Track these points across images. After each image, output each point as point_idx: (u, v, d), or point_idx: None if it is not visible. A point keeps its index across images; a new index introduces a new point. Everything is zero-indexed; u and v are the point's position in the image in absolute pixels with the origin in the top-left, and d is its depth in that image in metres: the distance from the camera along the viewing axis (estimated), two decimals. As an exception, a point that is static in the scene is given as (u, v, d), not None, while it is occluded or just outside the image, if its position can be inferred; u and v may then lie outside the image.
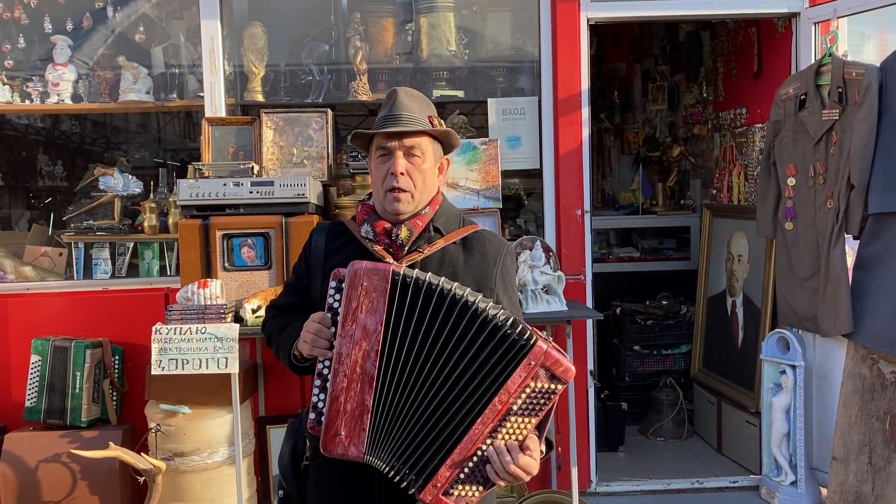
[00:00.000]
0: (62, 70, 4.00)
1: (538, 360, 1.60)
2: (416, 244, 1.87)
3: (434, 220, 1.90)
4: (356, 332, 1.64)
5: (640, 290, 5.47)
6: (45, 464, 3.44)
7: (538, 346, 1.60)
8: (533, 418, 1.63)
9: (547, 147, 4.04)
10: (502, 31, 4.28)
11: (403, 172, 1.83)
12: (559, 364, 1.61)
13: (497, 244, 1.94)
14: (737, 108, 4.89)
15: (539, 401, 1.62)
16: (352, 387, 1.64)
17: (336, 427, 1.64)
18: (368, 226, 1.89)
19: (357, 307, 1.64)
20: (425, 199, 1.90)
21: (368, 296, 1.64)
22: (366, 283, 1.64)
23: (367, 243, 1.88)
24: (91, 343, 3.60)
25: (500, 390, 1.61)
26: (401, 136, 1.84)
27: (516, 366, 1.61)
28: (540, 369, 1.60)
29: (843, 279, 3.49)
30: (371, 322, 1.64)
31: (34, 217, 4.74)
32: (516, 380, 1.60)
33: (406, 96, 1.90)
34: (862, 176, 3.38)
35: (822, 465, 3.88)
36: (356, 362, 1.64)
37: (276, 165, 3.81)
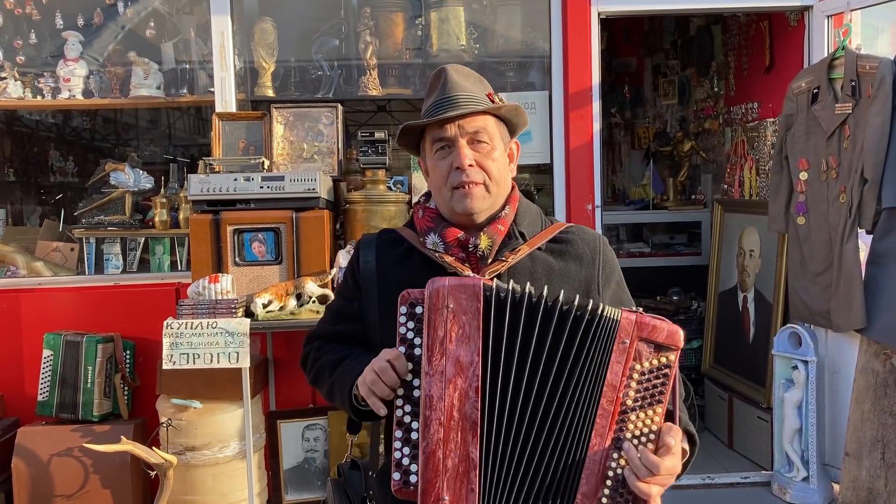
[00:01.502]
0: (73, 66, 4.01)
1: (630, 334, 1.36)
2: (499, 253, 1.59)
3: (517, 223, 1.62)
4: (447, 367, 1.36)
5: (651, 286, 5.45)
6: (58, 458, 3.46)
7: (624, 317, 1.36)
8: (657, 406, 1.37)
9: (557, 142, 4.03)
10: (512, 26, 4.26)
11: (472, 164, 1.54)
12: (658, 330, 1.36)
13: (590, 240, 1.65)
14: (748, 102, 4.86)
15: (655, 383, 1.37)
16: (451, 437, 1.35)
17: (437, 491, 1.35)
18: (436, 235, 1.59)
19: (445, 335, 1.36)
20: (502, 194, 1.62)
21: (457, 320, 1.36)
22: (452, 304, 1.36)
23: (436, 256, 1.58)
24: (103, 338, 3.61)
25: (602, 389, 1.36)
26: (460, 120, 1.55)
27: (609, 351, 1.36)
28: (639, 344, 1.36)
29: (856, 274, 3.47)
30: (465, 353, 1.36)
31: (46, 213, 4.77)
32: (616, 368, 1.36)
33: (457, 74, 1.60)
34: (875, 170, 3.36)
35: (835, 460, 3.86)
36: (451, 406, 1.35)
37: (286, 160, 3.82)
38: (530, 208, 1.68)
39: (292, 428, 3.75)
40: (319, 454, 3.75)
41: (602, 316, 1.37)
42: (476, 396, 1.35)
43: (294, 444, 3.75)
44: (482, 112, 1.56)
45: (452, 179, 1.55)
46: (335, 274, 3.42)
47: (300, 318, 3.29)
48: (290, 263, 3.39)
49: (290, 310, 3.30)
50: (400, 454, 1.39)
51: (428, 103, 1.60)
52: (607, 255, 1.65)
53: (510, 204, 1.62)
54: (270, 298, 3.27)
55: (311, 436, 3.75)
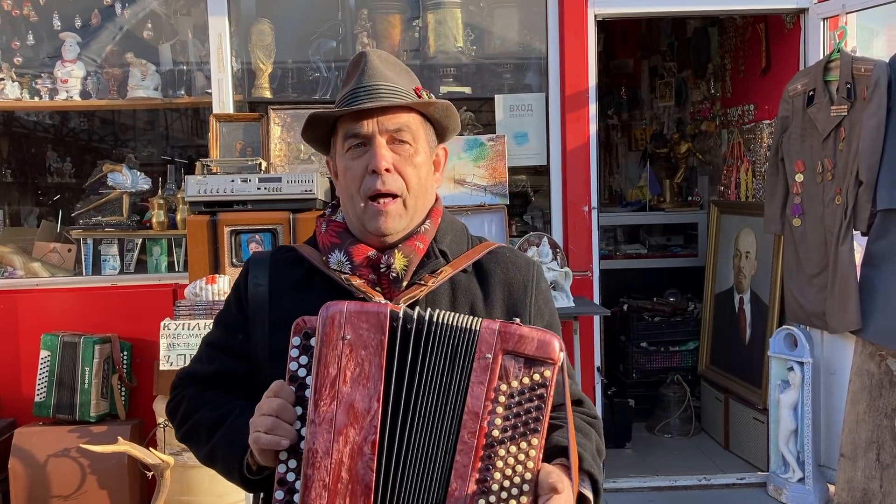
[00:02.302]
0: (71, 67, 4.02)
1: (493, 346, 1.11)
2: (416, 275, 1.32)
3: (437, 241, 1.36)
4: (338, 414, 1.09)
5: (648, 287, 5.46)
6: (55, 458, 3.46)
7: (484, 327, 1.12)
8: (532, 437, 1.12)
9: (554, 143, 4.04)
10: (509, 28, 4.28)
11: (390, 168, 1.28)
12: (526, 339, 1.11)
13: (524, 267, 1.40)
14: (745, 104, 4.88)
15: (528, 407, 1.11)
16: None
17: None
18: (342, 253, 1.32)
19: (338, 374, 1.10)
20: (422, 207, 1.36)
21: (355, 355, 1.11)
22: (350, 335, 1.11)
23: (341, 277, 1.31)
24: (100, 339, 3.61)
25: (462, 417, 1.11)
26: (380, 115, 1.29)
27: (470, 369, 1.11)
28: (505, 359, 1.11)
29: (851, 276, 3.48)
30: (362, 397, 1.10)
31: (43, 213, 4.77)
32: (477, 390, 1.10)
33: (380, 60, 1.34)
34: (870, 172, 3.37)
35: (830, 461, 3.87)
36: (340, 463, 1.09)
37: (283, 162, 3.82)
38: (454, 224, 1.42)
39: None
40: (316, 455, 3.74)
41: (459, 327, 1.13)
42: (372, 453, 1.09)
43: (291, 445, 3.74)
44: (406, 107, 1.31)
45: (366, 185, 1.29)
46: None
47: (297, 319, 3.29)
48: (287, 264, 3.39)
49: (287, 311, 3.30)
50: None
51: (343, 92, 1.34)
52: (541, 286, 1.40)
53: (431, 218, 1.36)
54: (267, 299, 3.27)
55: (307, 437, 3.75)
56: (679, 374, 5.00)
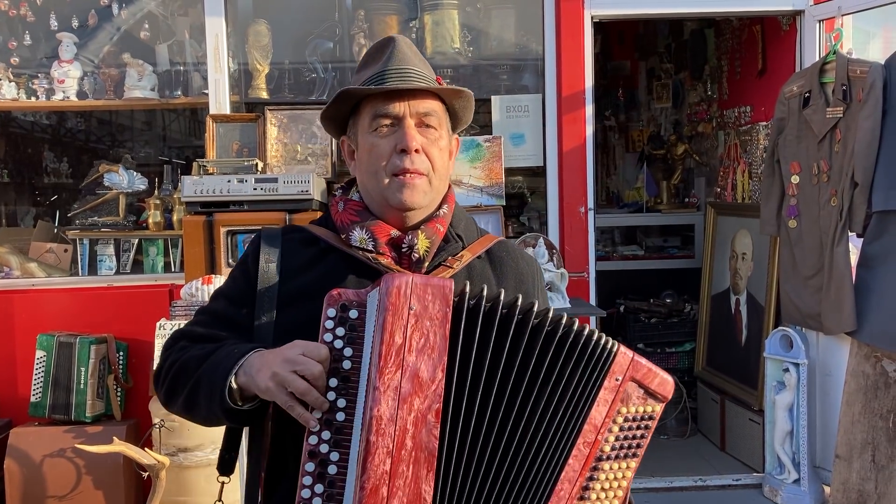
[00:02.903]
0: (67, 67, 4.01)
1: (625, 372, 1.17)
2: (437, 258, 1.36)
3: (454, 225, 1.41)
4: (403, 382, 1.09)
5: (644, 288, 5.47)
6: (50, 458, 3.46)
7: (622, 353, 1.18)
8: (631, 461, 1.19)
9: (550, 145, 4.04)
10: (506, 29, 4.28)
11: (419, 149, 1.31)
12: (652, 375, 1.19)
13: (529, 259, 1.49)
14: (741, 105, 4.88)
15: (636, 432, 1.19)
16: (400, 470, 1.08)
17: None
18: (364, 231, 1.33)
19: (403, 343, 1.10)
20: (441, 192, 1.40)
21: (420, 326, 1.11)
22: (416, 305, 1.11)
23: (367, 256, 1.32)
24: (96, 339, 3.61)
25: (583, 426, 1.16)
26: (411, 98, 1.31)
27: (599, 385, 1.17)
28: (630, 385, 1.18)
29: (846, 277, 3.48)
30: (426, 367, 1.10)
31: (40, 214, 4.76)
32: (603, 405, 1.16)
33: (408, 47, 1.37)
34: (866, 174, 3.38)
35: (826, 463, 3.88)
36: (405, 431, 1.09)
37: (280, 162, 3.83)
38: (463, 214, 1.47)
39: (285, 429, 3.75)
40: (312, 456, 3.74)
41: (598, 343, 1.17)
42: (436, 421, 1.10)
43: (287, 446, 3.74)
44: (433, 94, 1.35)
45: (394, 163, 1.30)
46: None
47: (293, 319, 3.29)
48: (283, 265, 3.40)
49: (283, 311, 3.30)
50: (310, 493, 1.11)
51: (370, 72, 1.34)
52: (543, 282, 1.50)
53: (447, 203, 1.40)
54: (263, 300, 3.27)
55: (303, 437, 3.74)
56: (675, 376, 4.97)
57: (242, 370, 1.20)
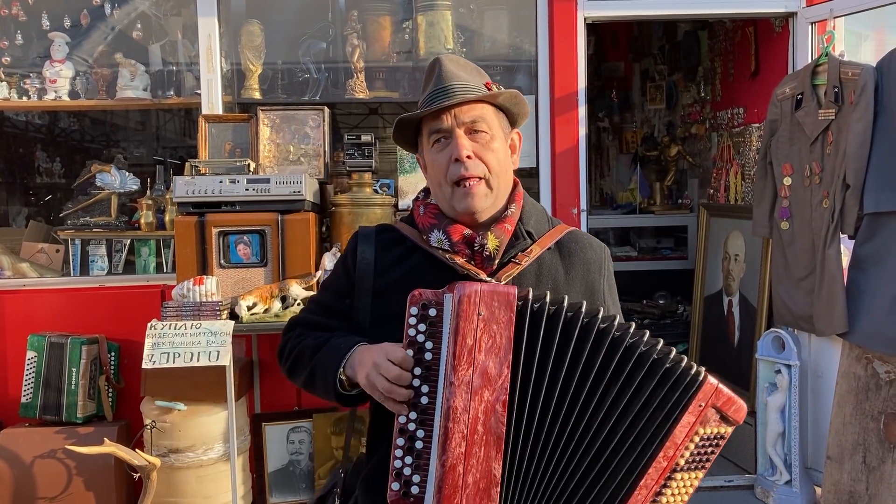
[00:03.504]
0: (60, 67, 4.00)
1: (708, 399, 1.32)
2: (507, 254, 1.51)
3: (524, 222, 1.55)
4: (474, 378, 1.28)
5: (638, 290, 5.47)
6: (41, 460, 3.44)
7: (708, 382, 1.33)
8: (699, 472, 1.36)
9: (543, 146, 4.04)
10: (499, 30, 4.28)
11: (471, 155, 1.46)
12: (732, 402, 1.34)
13: (597, 247, 1.63)
14: (734, 107, 4.89)
15: (707, 449, 1.35)
16: (473, 451, 1.28)
17: None
18: (441, 232, 1.50)
19: (474, 345, 1.28)
20: (504, 188, 1.54)
21: (488, 329, 1.28)
22: (484, 311, 1.28)
23: (443, 255, 1.50)
24: (87, 339, 3.60)
25: (665, 442, 1.32)
26: (456, 110, 1.47)
27: (684, 409, 1.32)
28: (710, 410, 1.33)
29: (838, 279, 3.49)
30: (494, 364, 1.28)
31: (31, 214, 4.75)
32: (684, 427, 1.32)
33: (452, 63, 1.53)
34: (857, 176, 3.38)
35: (817, 464, 3.89)
36: (476, 419, 1.27)
37: (272, 163, 3.82)
38: (535, 206, 1.62)
39: (277, 430, 3.75)
40: (304, 457, 3.74)
41: (688, 370, 1.33)
42: (503, 410, 1.28)
43: (279, 447, 3.74)
44: (478, 100, 1.49)
45: (452, 173, 1.46)
46: (320, 276, 3.42)
47: (285, 320, 3.24)
48: (275, 266, 3.40)
49: (275, 312, 3.30)
50: (401, 463, 1.31)
51: (423, 96, 1.53)
52: (611, 267, 1.64)
53: (515, 202, 1.55)
54: (255, 301, 3.27)
55: (295, 438, 3.74)
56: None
57: (348, 364, 1.45)
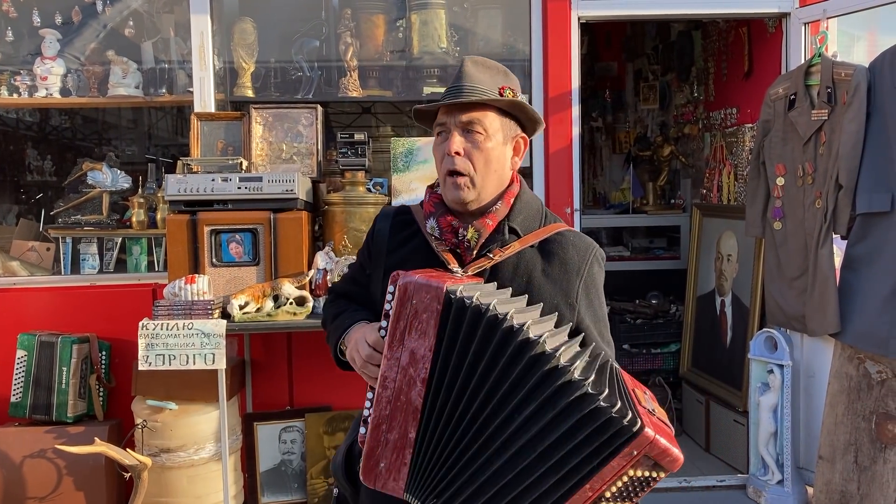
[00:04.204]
0: (51, 64, 3.98)
1: (642, 448, 1.37)
2: (486, 247, 1.64)
3: (510, 219, 1.67)
4: (403, 355, 1.47)
5: (630, 289, 5.48)
6: (31, 459, 3.42)
7: (645, 433, 1.36)
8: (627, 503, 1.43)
9: (537, 146, 4.03)
10: (493, 29, 4.27)
11: (459, 152, 1.61)
12: (667, 454, 1.39)
13: (582, 249, 1.68)
14: (727, 107, 4.90)
15: (637, 488, 1.42)
16: (396, 417, 1.49)
17: (376, 456, 1.50)
18: (434, 221, 1.68)
19: (406, 328, 1.47)
20: (491, 186, 1.66)
21: (418, 317, 1.46)
22: (415, 300, 1.46)
23: (433, 241, 1.68)
24: (78, 338, 3.58)
25: (592, 476, 1.38)
26: (457, 111, 1.61)
27: (615, 453, 1.37)
28: (643, 457, 1.38)
29: (830, 279, 3.50)
30: (420, 347, 1.46)
31: (22, 212, 4.72)
32: (614, 467, 1.38)
33: (474, 65, 1.66)
34: (850, 176, 3.39)
35: (809, 464, 3.90)
36: (401, 389, 1.48)
37: (265, 161, 3.80)
38: (530, 204, 1.71)
39: (269, 430, 3.73)
40: (296, 456, 3.73)
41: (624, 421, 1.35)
42: (422, 387, 1.47)
43: (271, 447, 3.73)
44: (482, 105, 1.62)
45: (445, 164, 1.63)
46: (313, 275, 3.41)
47: (277, 319, 3.27)
48: (267, 265, 3.38)
49: (267, 311, 3.29)
50: (367, 412, 1.57)
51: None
52: (592, 270, 1.68)
53: (504, 199, 1.66)
54: (247, 300, 3.25)
55: (287, 438, 3.73)
56: (660, 377, 5.01)
57: (344, 339, 1.71)
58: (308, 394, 3.84)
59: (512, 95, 1.64)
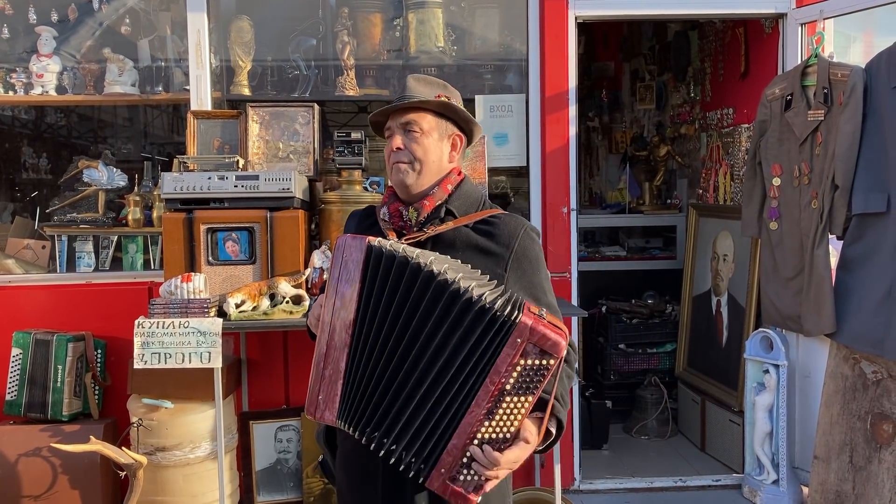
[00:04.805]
0: (46, 61, 3.97)
1: (524, 336, 1.55)
2: (424, 225, 1.88)
3: (448, 203, 1.90)
4: (336, 301, 1.69)
5: (626, 289, 5.48)
6: (26, 458, 3.42)
7: (522, 321, 1.56)
8: (529, 396, 1.59)
9: (534, 145, 4.04)
10: (490, 28, 4.27)
11: (400, 147, 1.88)
12: (546, 339, 1.56)
13: (513, 226, 1.90)
14: (724, 108, 4.91)
15: (533, 378, 1.58)
16: (331, 353, 1.69)
17: (316, 391, 1.71)
18: (385, 208, 1.93)
19: (338, 276, 1.69)
20: (429, 174, 1.91)
21: (347, 266, 1.69)
22: (345, 254, 1.69)
23: (384, 225, 1.93)
24: (73, 336, 3.57)
25: (489, 370, 1.58)
26: (398, 115, 1.90)
27: (502, 344, 1.57)
28: (528, 345, 1.56)
29: (826, 279, 3.50)
30: (348, 291, 1.68)
31: (18, 209, 4.71)
32: (505, 359, 1.56)
33: (416, 80, 1.95)
34: (846, 176, 3.40)
35: (804, 463, 3.90)
36: (335, 330, 1.69)
37: (261, 160, 3.80)
38: (470, 194, 1.95)
39: (265, 429, 3.73)
40: (292, 455, 3.73)
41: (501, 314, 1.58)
42: (350, 326, 1.68)
43: (267, 445, 3.73)
44: (417, 109, 1.90)
45: (392, 158, 1.90)
46: (309, 274, 3.41)
47: (273, 318, 3.27)
48: (263, 263, 3.38)
49: (264, 310, 3.28)
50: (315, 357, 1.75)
51: None
52: (524, 242, 1.88)
53: (441, 186, 1.91)
54: (243, 298, 3.25)
55: (283, 437, 3.73)
56: (656, 376, 5.02)
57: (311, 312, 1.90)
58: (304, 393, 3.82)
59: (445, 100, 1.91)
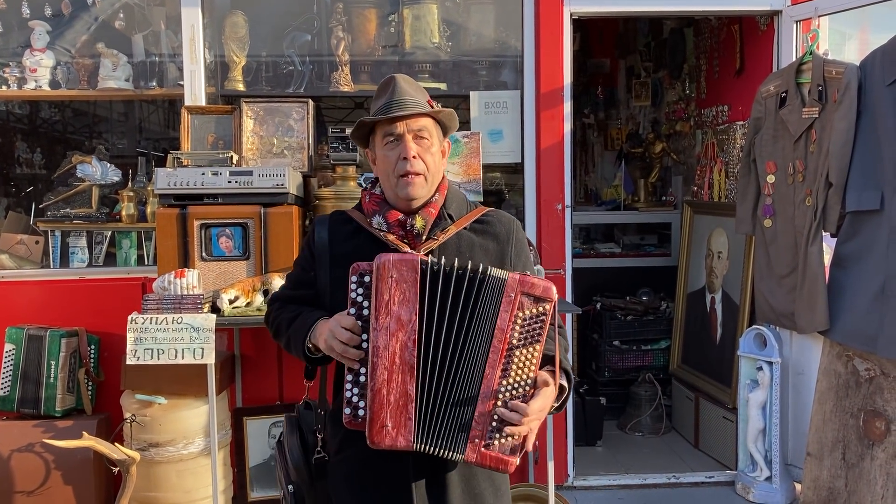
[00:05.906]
0: (40, 56, 3.95)
1: (515, 289, 1.68)
2: (431, 232, 1.90)
3: (446, 206, 1.93)
4: (391, 323, 1.67)
5: (621, 286, 5.48)
6: (18, 453, 3.41)
7: (510, 277, 1.69)
8: (536, 345, 1.69)
9: (529, 141, 4.03)
10: (485, 25, 4.27)
11: (416, 156, 1.85)
12: (535, 286, 1.69)
13: (506, 222, 1.98)
14: (719, 105, 4.91)
15: (534, 326, 1.69)
16: (393, 378, 1.67)
17: (382, 419, 1.67)
18: (381, 217, 1.90)
19: (389, 299, 1.67)
20: (435, 183, 1.92)
21: (399, 287, 1.68)
22: (395, 274, 1.67)
23: (381, 234, 1.89)
24: (67, 332, 3.57)
25: (494, 330, 1.68)
26: (408, 120, 1.85)
27: (499, 303, 1.68)
28: (522, 297, 1.68)
29: (820, 276, 3.51)
30: (405, 313, 1.68)
31: (11, 204, 4.69)
32: (504, 316, 1.68)
33: (405, 82, 1.92)
34: (840, 174, 3.40)
35: (797, 460, 3.91)
36: (395, 353, 1.67)
37: (255, 155, 3.79)
38: (457, 194, 2.00)
39: (259, 425, 3.73)
40: (286, 451, 3.72)
41: (492, 276, 1.70)
42: (413, 346, 1.67)
43: (260, 441, 3.73)
44: (425, 114, 1.88)
45: (399, 168, 1.85)
46: (303, 270, 3.40)
47: (267, 314, 3.26)
48: (257, 259, 3.37)
49: (257, 306, 3.28)
50: (350, 394, 1.72)
51: (379, 104, 1.89)
52: (518, 236, 1.98)
53: (440, 191, 1.93)
54: (237, 294, 3.24)
55: (277, 433, 3.72)
56: (651, 373, 5.02)
57: (312, 336, 1.85)
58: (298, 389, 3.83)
59: (436, 106, 1.92)
